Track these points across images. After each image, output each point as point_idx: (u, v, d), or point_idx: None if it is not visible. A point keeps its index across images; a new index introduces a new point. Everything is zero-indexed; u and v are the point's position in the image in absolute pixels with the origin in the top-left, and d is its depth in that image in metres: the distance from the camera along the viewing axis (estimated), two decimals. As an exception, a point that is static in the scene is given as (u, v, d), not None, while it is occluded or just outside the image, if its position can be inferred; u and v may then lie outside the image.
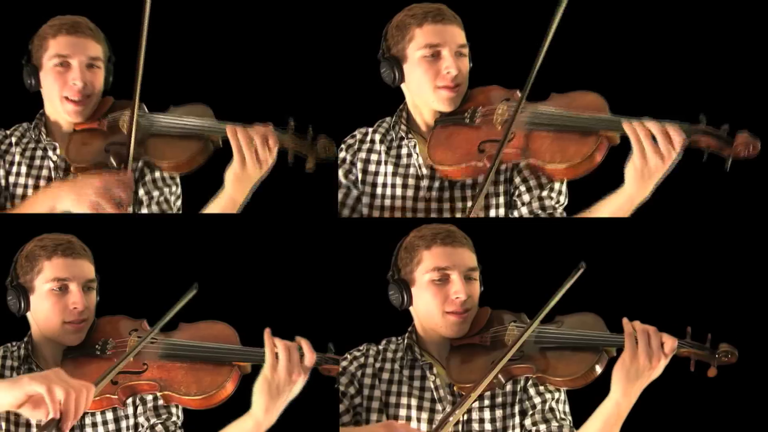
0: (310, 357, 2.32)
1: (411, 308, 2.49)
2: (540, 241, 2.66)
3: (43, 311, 2.42)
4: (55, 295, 2.41)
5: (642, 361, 2.26)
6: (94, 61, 2.55)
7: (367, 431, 2.38)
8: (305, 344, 2.33)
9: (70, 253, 2.42)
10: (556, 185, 2.51)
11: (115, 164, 2.53)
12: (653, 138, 2.33)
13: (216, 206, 2.50)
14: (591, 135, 2.40)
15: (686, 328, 2.31)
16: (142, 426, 2.44)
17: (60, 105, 2.56)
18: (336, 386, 2.44)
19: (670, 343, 2.27)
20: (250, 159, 2.44)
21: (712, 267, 2.70)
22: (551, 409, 2.41)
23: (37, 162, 2.61)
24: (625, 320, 2.31)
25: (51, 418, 2.08)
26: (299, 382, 2.32)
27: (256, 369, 2.36)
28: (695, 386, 2.40)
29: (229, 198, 2.48)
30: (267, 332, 2.33)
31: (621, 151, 2.38)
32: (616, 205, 2.40)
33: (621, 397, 2.28)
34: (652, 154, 2.33)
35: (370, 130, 2.63)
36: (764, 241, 2.70)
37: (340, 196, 2.58)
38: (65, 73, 2.54)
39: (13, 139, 2.64)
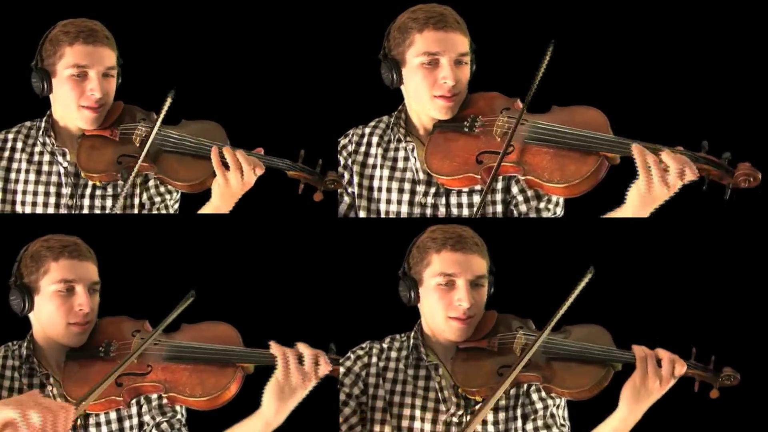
0: (325, 368, 2.37)
1: (419, 305, 2.52)
2: (546, 243, 2.69)
3: (48, 312, 2.44)
4: (61, 296, 2.43)
5: (652, 382, 2.33)
6: (110, 70, 2.54)
7: None
8: (321, 356, 2.37)
9: (77, 255, 2.45)
10: (554, 197, 2.53)
11: (126, 175, 2.54)
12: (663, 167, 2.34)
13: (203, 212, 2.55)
14: (591, 155, 2.40)
15: (692, 348, 2.38)
16: (148, 424, 2.49)
17: (76, 113, 2.54)
18: (338, 387, 2.48)
19: (679, 367, 2.34)
20: (236, 180, 2.48)
21: (717, 289, 2.74)
22: (552, 415, 2.47)
23: (46, 168, 2.60)
24: (635, 346, 2.37)
25: None
26: (310, 386, 2.37)
27: (259, 369, 2.41)
28: (698, 406, 2.45)
29: (214, 208, 2.52)
30: (272, 344, 2.38)
31: (620, 169, 2.41)
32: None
33: (628, 414, 2.35)
34: (659, 182, 2.34)
35: (367, 130, 2.62)
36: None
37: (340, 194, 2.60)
38: (82, 83, 2.52)
39: (19, 144, 2.63)
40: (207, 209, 2.53)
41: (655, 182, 2.33)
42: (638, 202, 2.36)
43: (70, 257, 2.43)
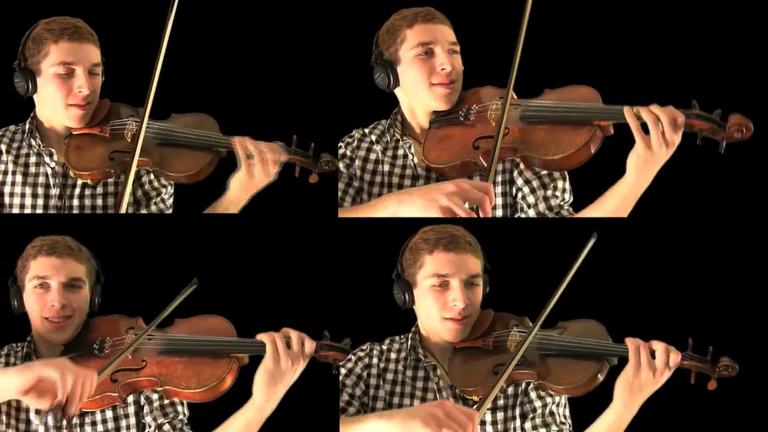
0: (309, 346, 2.40)
1: (414, 307, 2.53)
2: (542, 241, 2.70)
3: (29, 308, 2.50)
4: (37, 292, 2.48)
5: (645, 375, 2.33)
6: (95, 67, 2.55)
7: (418, 410, 2.34)
8: (304, 336, 2.40)
9: (53, 252, 2.48)
10: (560, 183, 2.55)
11: (119, 171, 2.55)
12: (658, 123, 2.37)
13: (218, 208, 2.55)
14: (585, 125, 2.45)
15: (688, 339, 2.38)
16: (149, 426, 2.51)
17: (64, 111, 2.55)
18: (334, 372, 2.48)
19: (674, 357, 2.34)
20: (260, 170, 2.49)
21: (715, 278, 2.75)
22: (551, 413, 2.47)
23: (33, 169, 2.60)
24: (628, 338, 2.37)
25: (57, 403, 2.18)
26: (299, 369, 2.40)
27: (254, 359, 2.43)
28: (695, 398, 2.44)
29: (230, 202, 2.53)
30: (261, 334, 2.41)
31: (622, 144, 2.42)
32: (620, 195, 2.43)
33: (623, 408, 2.35)
34: (657, 141, 2.36)
35: (367, 130, 2.66)
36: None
37: (341, 185, 2.62)
38: (69, 81, 2.52)
39: (3, 147, 2.63)
40: (224, 203, 2.53)
41: (654, 140, 2.36)
42: (640, 165, 2.38)
43: (46, 254, 2.48)
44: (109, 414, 2.49)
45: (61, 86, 2.52)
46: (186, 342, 2.45)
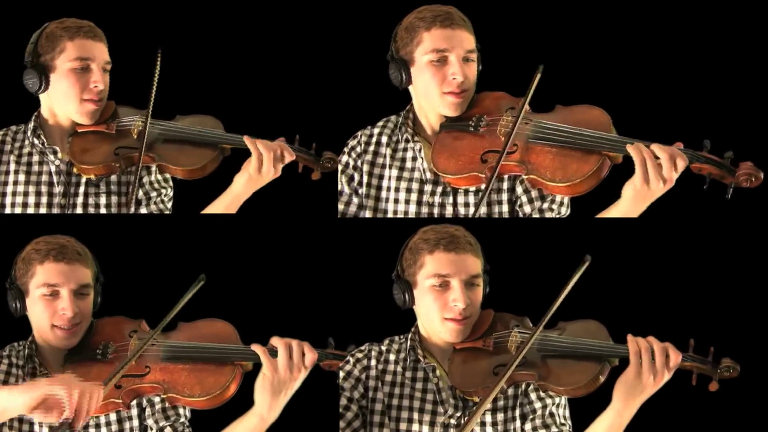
0: (311, 357, 2.40)
1: (414, 307, 2.54)
2: (544, 242, 2.71)
3: (35, 314, 2.51)
4: (45, 300, 2.49)
5: (646, 377, 2.35)
6: (107, 65, 2.61)
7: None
8: (306, 345, 2.41)
9: (62, 258, 2.49)
10: (558, 197, 2.57)
11: (124, 167, 2.58)
12: (656, 159, 2.39)
13: (220, 203, 2.57)
14: (593, 154, 2.45)
15: (689, 340, 2.39)
16: (151, 428, 2.53)
17: (78, 106, 2.59)
18: (336, 381, 2.51)
19: (674, 358, 2.35)
20: (268, 166, 2.50)
21: (716, 279, 2.76)
22: (551, 414, 2.49)
23: (36, 168, 2.63)
24: (630, 337, 2.38)
25: (64, 419, 2.17)
26: (300, 378, 2.40)
27: (258, 366, 2.44)
28: (696, 399, 2.46)
29: (234, 197, 2.55)
30: (254, 346, 2.42)
31: (626, 164, 2.44)
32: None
33: (623, 409, 2.37)
34: (655, 177, 2.38)
35: (375, 131, 2.67)
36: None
37: (340, 205, 2.64)
38: (85, 75, 2.57)
39: (6, 147, 2.66)
40: (225, 199, 2.56)
41: (651, 176, 2.38)
42: (634, 197, 2.41)
43: (54, 260, 2.48)
44: (113, 417, 2.50)
45: (76, 81, 2.56)
46: (190, 349, 2.45)
